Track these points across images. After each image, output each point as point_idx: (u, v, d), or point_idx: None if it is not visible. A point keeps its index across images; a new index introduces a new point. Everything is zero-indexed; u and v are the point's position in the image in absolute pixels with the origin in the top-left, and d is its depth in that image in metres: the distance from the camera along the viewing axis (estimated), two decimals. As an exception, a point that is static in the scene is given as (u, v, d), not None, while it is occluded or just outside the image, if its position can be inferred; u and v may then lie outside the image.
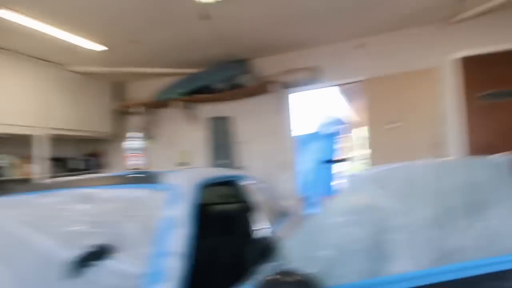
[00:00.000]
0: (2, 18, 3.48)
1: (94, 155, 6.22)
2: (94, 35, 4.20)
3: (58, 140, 5.10)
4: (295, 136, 5.62)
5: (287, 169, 5.37)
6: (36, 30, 3.77)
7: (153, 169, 2.22)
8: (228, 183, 2.40)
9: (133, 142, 2.05)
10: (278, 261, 1.33)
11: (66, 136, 5.25)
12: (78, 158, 5.89)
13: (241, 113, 5.68)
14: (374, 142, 5.05)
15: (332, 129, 8.15)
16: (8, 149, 4.80)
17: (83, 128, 5.42)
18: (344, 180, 7.31)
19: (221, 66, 5.32)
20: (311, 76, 5.27)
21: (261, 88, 5.20)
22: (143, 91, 6.12)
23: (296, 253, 1.36)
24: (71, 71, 5.24)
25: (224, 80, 5.18)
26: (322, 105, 7.92)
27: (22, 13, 3.47)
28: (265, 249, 2.22)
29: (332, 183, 7.96)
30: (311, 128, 7.95)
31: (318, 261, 1.30)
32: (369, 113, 5.09)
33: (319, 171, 7.94)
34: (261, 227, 2.35)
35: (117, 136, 6.11)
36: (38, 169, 4.88)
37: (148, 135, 6.06)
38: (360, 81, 5.20)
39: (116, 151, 6.29)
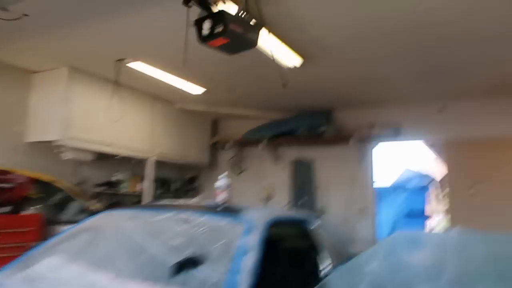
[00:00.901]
0: (132, 67, 4.46)
1: (191, 179, 7.11)
2: (197, 80, 5.02)
3: (164, 164, 6.04)
4: (377, 187, 5.85)
5: (366, 217, 5.61)
6: (154, 77, 4.72)
7: (237, 203, 2.77)
8: (296, 223, 2.85)
9: (222, 181, 2.63)
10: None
11: (171, 161, 6.17)
12: (179, 180, 6.80)
13: (322, 159, 6.10)
14: (454, 203, 5.09)
15: (417, 183, 8.12)
16: (124, 168, 5.83)
17: (185, 156, 6.31)
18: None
19: (307, 114, 5.86)
20: (391, 132, 5.53)
21: (342, 138, 5.60)
22: (235, 129, 6.89)
23: (337, 284, 1.75)
24: (178, 108, 6.20)
25: (308, 127, 5.69)
26: (405, 160, 7.98)
27: (146, 63, 4.40)
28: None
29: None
30: (393, 181, 8.01)
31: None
32: (449, 175, 5.16)
33: (401, 224, 7.92)
34: (321, 265, 2.74)
35: (212, 165, 6.96)
36: (146, 187, 5.84)
37: (237, 169, 6.78)
38: (438, 141, 5.35)
39: (209, 177, 7.12)
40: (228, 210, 2.54)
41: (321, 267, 2.76)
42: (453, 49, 3.72)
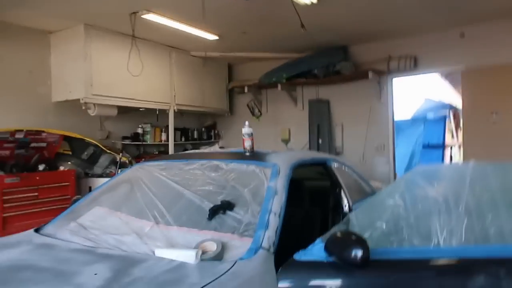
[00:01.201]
0: (147, 19, 4.44)
1: (210, 126, 7.27)
2: (211, 27, 4.97)
3: (183, 113, 6.19)
4: (396, 120, 5.87)
5: (384, 152, 5.71)
6: (169, 26, 4.69)
7: (258, 147, 2.91)
8: (318, 164, 2.99)
9: (247, 128, 2.74)
10: (346, 225, 1.90)
11: (190, 110, 6.30)
12: (197, 128, 6.97)
13: (339, 97, 6.11)
14: (469, 132, 5.12)
15: (437, 113, 8.10)
16: (147, 120, 6.01)
17: (204, 104, 6.41)
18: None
19: (322, 52, 5.78)
20: (409, 64, 5.44)
21: (359, 74, 5.56)
22: (250, 73, 6.87)
23: (358, 221, 1.91)
24: (193, 55, 6.19)
25: (325, 65, 5.64)
26: (424, 90, 7.88)
27: (160, 14, 4.38)
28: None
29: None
30: (413, 113, 7.98)
31: (374, 228, 1.84)
32: (466, 104, 5.14)
33: (423, 155, 8.02)
34: (344, 203, 2.92)
35: (229, 112, 7.07)
36: (169, 137, 6.05)
37: (256, 113, 6.88)
38: (459, 70, 5.25)
39: (227, 124, 7.27)
40: (255, 155, 2.68)
41: (343, 204, 2.94)
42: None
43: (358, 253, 1.61)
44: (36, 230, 2.47)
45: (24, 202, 4.07)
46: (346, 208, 2.92)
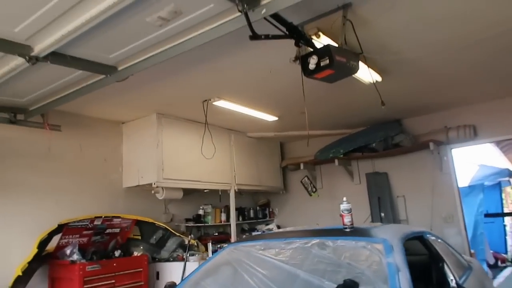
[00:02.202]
0: (217, 105, 4.73)
1: (265, 205, 7.26)
2: (269, 109, 5.24)
3: (241, 193, 6.25)
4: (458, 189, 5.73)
5: (453, 223, 5.50)
6: (235, 110, 4.97)
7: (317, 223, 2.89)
8: (419, 237, 2.90)
9: (345, 204, 2.74)
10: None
11: (248, 190, 6.37)
12: (254, 208, 6.97)
13: (398, 169, 6.07)
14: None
15: (493, 180, 7.86)
16: (207, 202, 6.10)
17: (260, 183, 6.49)
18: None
19: (379, 126, 5.89)
20: (469, 133, 5.44)
21: (420, 146, 5.57)
22: (301, 150, 6.99)
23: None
24: (250, 137, 6.42)
25: (382, 139, 5.71)
26: (477, 157, 7.75)
27: (229, 100, 4.67)
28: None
29: (505, 237, 7.59)
30: (469, 181, 7.77)
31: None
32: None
33: (485, 225, 7.66)
34: (450, 278, 2.76)
35: (283, 189, 7.10)
36: (226, 217, 6.06)
37: (311, 190, 6.87)
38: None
39: (281, 201, 7.25)
40: (358, 231, 2.64)
41: (449, 279, 2.78)
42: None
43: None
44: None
45: (102, 290, 4.04)
46: (453, 283, 2.76)
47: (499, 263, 7.85)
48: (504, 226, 8.89)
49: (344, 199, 2.77)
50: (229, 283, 2.54)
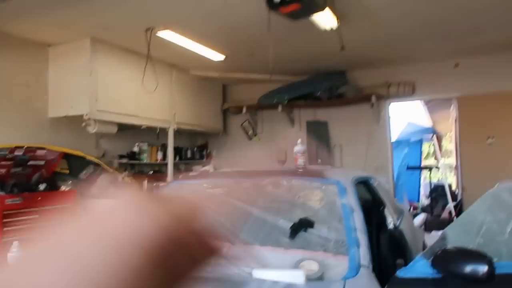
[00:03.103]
0: (161, 36, 4.30)
1: (202, 146, 7.09)
2: (218, 47, 4.93)
3: (180, 133, 6.00)
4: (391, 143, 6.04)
5: (383, 173, 5.82)
6: (178, 44, 4.56)
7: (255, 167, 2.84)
8: (365, 181, 2.96)
9: (299, 146, 2.67)
10: (443, 241, 1.87)
11: (187, 130, 6.12)
12: (191, 148, 6.77)
13: (338, 119, 6.20)
14: (465, 155, 5.36)
15: (417, 137, 8.43)
16: (142, 139, 5.76)
17: (200, 123, 6.25)
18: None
19: (325, 76, 5.88)
20: (406, 90, 5.66)
21: (362, 98, 5.69)
22: (243, 94, 6.85)
23: (456, 237, 1.89)
24: (193, 75, 6.07)
25: (326, 89, 5.73)
26: (407, 114, 8.21)
27: (174, 31, 4.27)
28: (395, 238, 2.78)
29: (419, 188, 8.29)
30: (398, 136, 8.25)
31: (474, 244, 1.81)
32: (461, 128, 5.41)
33: (405, 177, 8.26)
34: (389, 220, 2.89)
35: (223, 132, 6.96)
36: (163, 156, 5.82)
37: (250, 134, 6.81)
38: (453, 98, 5.54)
39: (219, 144, 7.12)
40: (311, 172, 2.61)
41: (388, 222, 2.91)
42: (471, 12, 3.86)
43: (482, 268, 1.57)
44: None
45: (25, 226, 3.68)
46: (391, 226, 2.91)
47: (411, 209, 8.68)
48: (419, 178, 9.77)
49: (299, 141, 2.70)
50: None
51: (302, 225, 2.06)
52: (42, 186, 4.01)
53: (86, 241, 0.28)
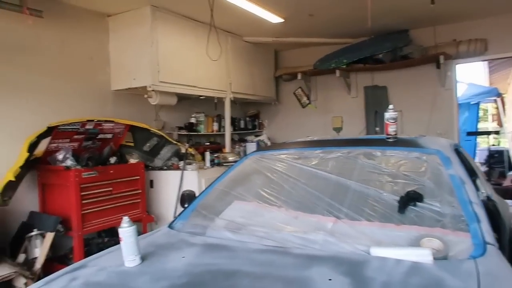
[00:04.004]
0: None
1: (254, 116, 7.00)
2: (277, 9, 4.70)
3: (236, 103, 5.91)
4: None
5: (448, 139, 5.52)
6: (236, 5, 4.34)
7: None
8: (456, 149, 2.77)
9: (392, 112, 2.49)
10: None
11: (243, 99, 6.01)
12: (243, 118, 6.70)
13: (397, 83, 5.88)
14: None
15: (477, 100, 7.93)
16: (199, 110, 5.72)
17: (254, 92, 6.12)
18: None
19: (384, 36, 5.52)
20: (478, 48, 5.22)
21: (426, 59, 5.33)
22: (296, 60, 6.61)
23: None
24: (246, 41, 5.89)
25: (390, 50, 5.39)
26: (467, 75, 7.71)
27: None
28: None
29: (474, 154, 7.90)
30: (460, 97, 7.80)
31: None
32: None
33: (462, 142, 7.89)
34: (482, 191, 2.70)
35: (276, 100, 6.80)
36: (218, 127, 5.79)
37: (303, 101, 6.63)
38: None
39: (271, 113, 7.00)
40: (404, 142, 2.44)
41: (481, 191, 2.72)
42: None
43: None
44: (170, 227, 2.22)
45: (100, 198, 3.78)
46: (483, 196, 2.72)
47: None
48: (476, 143, 9.31)
49: (391, 106, 2.51)
50: (265, 193, 2.31)
51: (411, 199, 1.93)
52: (112, 159, 4.07)
53: None
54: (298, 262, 1.60)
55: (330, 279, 1.44)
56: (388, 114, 2.49)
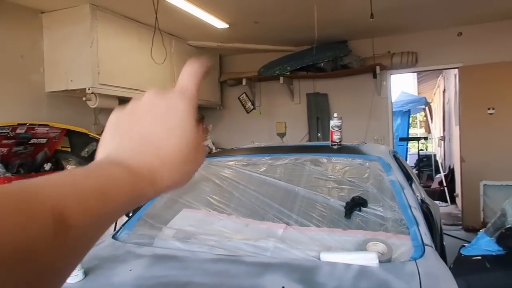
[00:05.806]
0: (169, 2, 4.05)
1: (198, 121, 6.89)
2: (223, 14, 4.71)
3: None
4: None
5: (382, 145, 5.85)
6: (181, 9, 4.28)
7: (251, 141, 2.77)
8: (394, 156, 2.94)
9: (336, 120, 2.59)
10: (504, 218, 1.86)
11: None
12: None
13: (338, 91, 6.13)
14: (466, 126, 5.43)
15: (408, 108, 8.51)
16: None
17: (199, 97, 6.00)
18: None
19: (326, 46, 5.73)
20: (409, 60, 5.62)
21: (364, 69, 5.62)
22: (239, 66, 6.65)
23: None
24: (190, 45, 5.82)
25: (331, 59, 5.61)
26: (399, 84, 8.25)
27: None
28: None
29: (406, 159, 8.42)
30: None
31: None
32: (463, 99, 5.44)
33: (395, 148, 8.39)
34: (416, 194, 2.90)
35: (220, 105, 6.78)
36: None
37: (247, 107, 6.68)
38: (456, 67, 5.54)
39: (216, 118, 6.96)
40: (347, 149, 2.55)
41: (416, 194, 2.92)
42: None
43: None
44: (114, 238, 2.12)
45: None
46: (418, 199, 2.91)
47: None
48: (407, 148, 10.01)
49: (335, 115, 2.62)
50: (214, 201, 2.29)
51: (356, 204, 2.02)
52: (47, 166, 3.81)
53: None
54: (251, 271, 1.60)
55: (283, 287, 1.45)
56: (333, 122, 2.59)
